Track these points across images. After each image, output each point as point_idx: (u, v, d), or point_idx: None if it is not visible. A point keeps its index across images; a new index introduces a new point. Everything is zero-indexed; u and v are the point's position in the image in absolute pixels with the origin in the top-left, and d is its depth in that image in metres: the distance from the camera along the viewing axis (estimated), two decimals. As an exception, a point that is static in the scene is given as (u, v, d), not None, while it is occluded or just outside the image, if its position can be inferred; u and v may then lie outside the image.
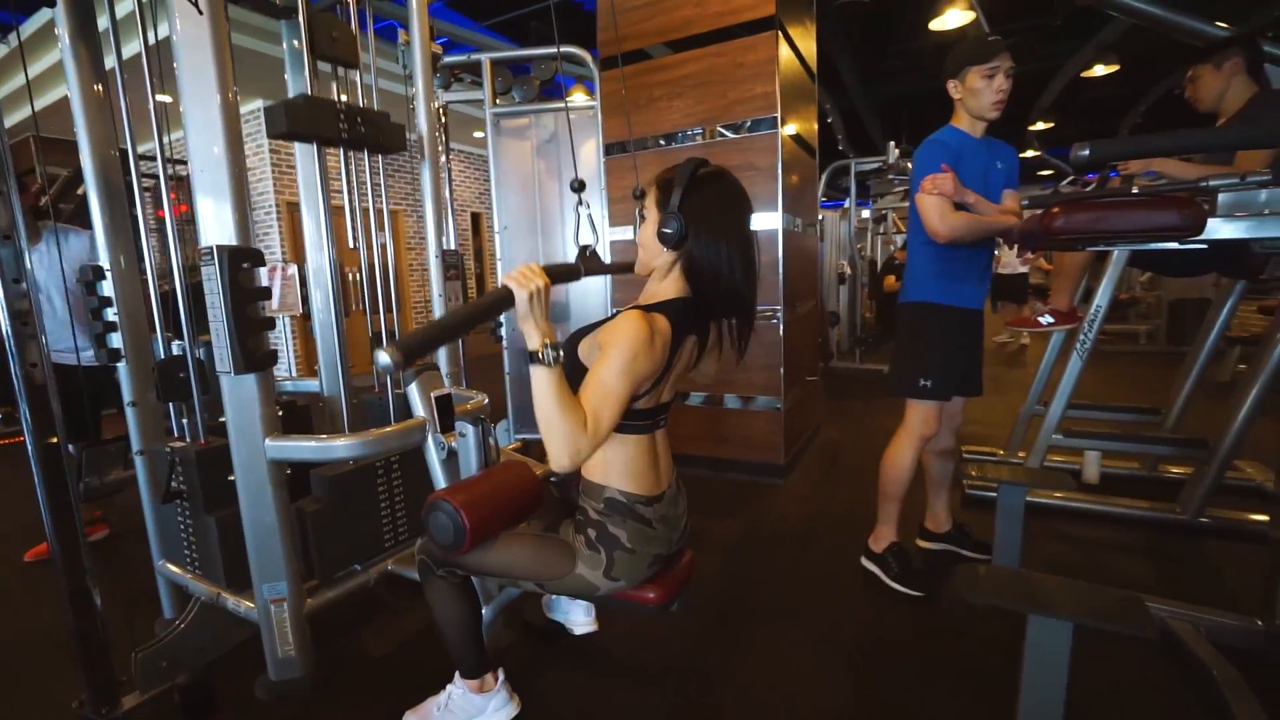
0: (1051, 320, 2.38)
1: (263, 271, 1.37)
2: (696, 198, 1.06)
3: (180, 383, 1.56)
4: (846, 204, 5.51)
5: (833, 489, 2.76)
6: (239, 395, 1.36)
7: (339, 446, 1.40)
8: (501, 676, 1.34)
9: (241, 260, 1.31)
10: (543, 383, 0.95)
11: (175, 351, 1.59)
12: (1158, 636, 1.46)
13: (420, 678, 1.49)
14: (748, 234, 1.12)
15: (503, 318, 3.16)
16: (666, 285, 1.14)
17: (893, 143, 4.92)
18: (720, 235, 1.07)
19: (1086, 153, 1.05)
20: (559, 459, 0.97)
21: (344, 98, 1.73)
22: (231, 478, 1.43)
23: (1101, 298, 2.20)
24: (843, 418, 3.96)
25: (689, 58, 2.70)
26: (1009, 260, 6.34)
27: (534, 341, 0.98)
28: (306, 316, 1.95)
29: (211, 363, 1.56)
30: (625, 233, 2.99)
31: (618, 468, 1.15)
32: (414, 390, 1.53)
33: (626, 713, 1.40)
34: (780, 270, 2.69)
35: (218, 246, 1.28)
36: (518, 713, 1.34)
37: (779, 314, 2.72)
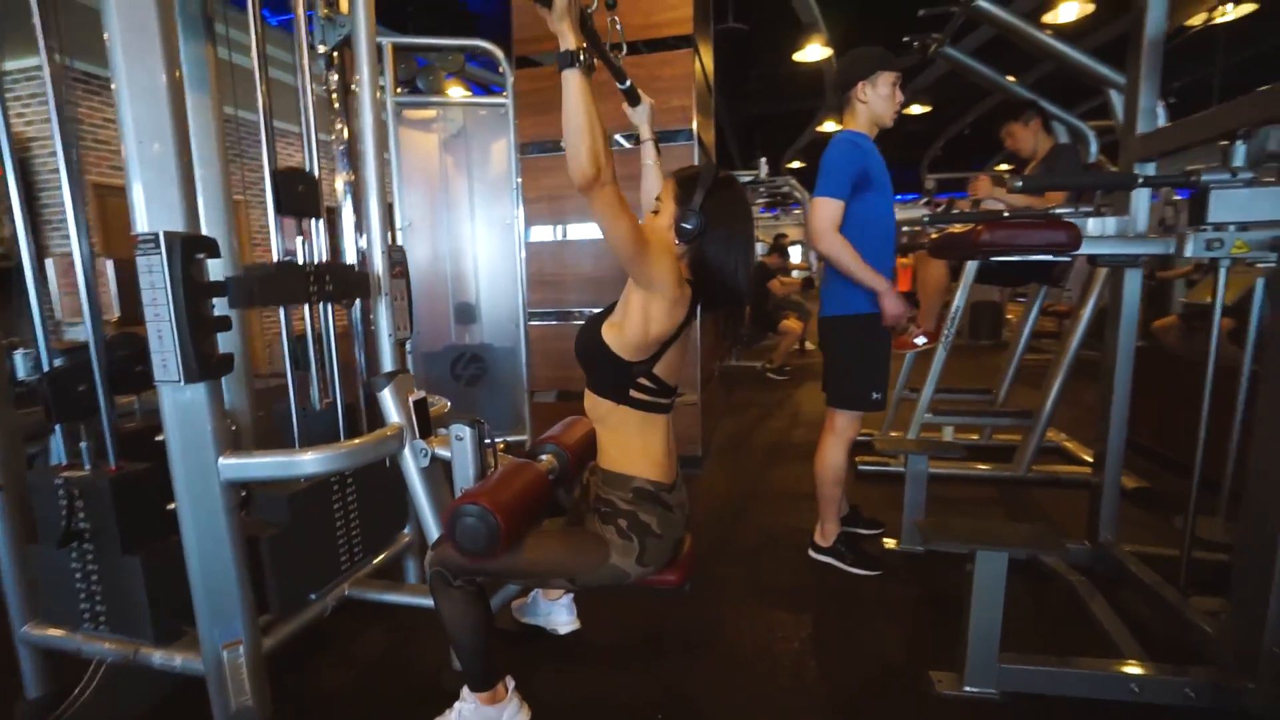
0: (925, 340, 2.78)
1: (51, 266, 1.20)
2: (717, 199, 1.14)
3: (80, 398, 1.29)
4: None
5: (745, 473, 2.99)
6: (186, 408, 1.16)
7: (307, 461, 1.25)
8: (512, 684, 1.30)
9: (196, 250, 1.13)
10: (577, 87, 0.94)
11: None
12: (1066, 554, 1.84)
13: (392, 708, 1.39)
14: (753, 240, 1.23)
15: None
16: None
17: (764, 159, 5.42)
18: (734, 237, 1.16)
19: (1020, 184, 1.34)
20: (583, 164, 0.94)
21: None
22: (171, 506, 1.22)
23: (959, 300, 2.68)
24: (734, 411, 4.28)
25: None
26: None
27: (570, 42, 0.95)
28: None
29: (113, 372, 1.33)
30: (544, 233, 2.97)
31: (643, 458, 1.19)
32: (388, 395, 1.42)
33: (628, 693, 1.44)
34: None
35: (166, 234, 1.09)
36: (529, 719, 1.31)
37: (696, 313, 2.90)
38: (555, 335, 3.04)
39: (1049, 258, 1.83)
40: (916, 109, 6.45)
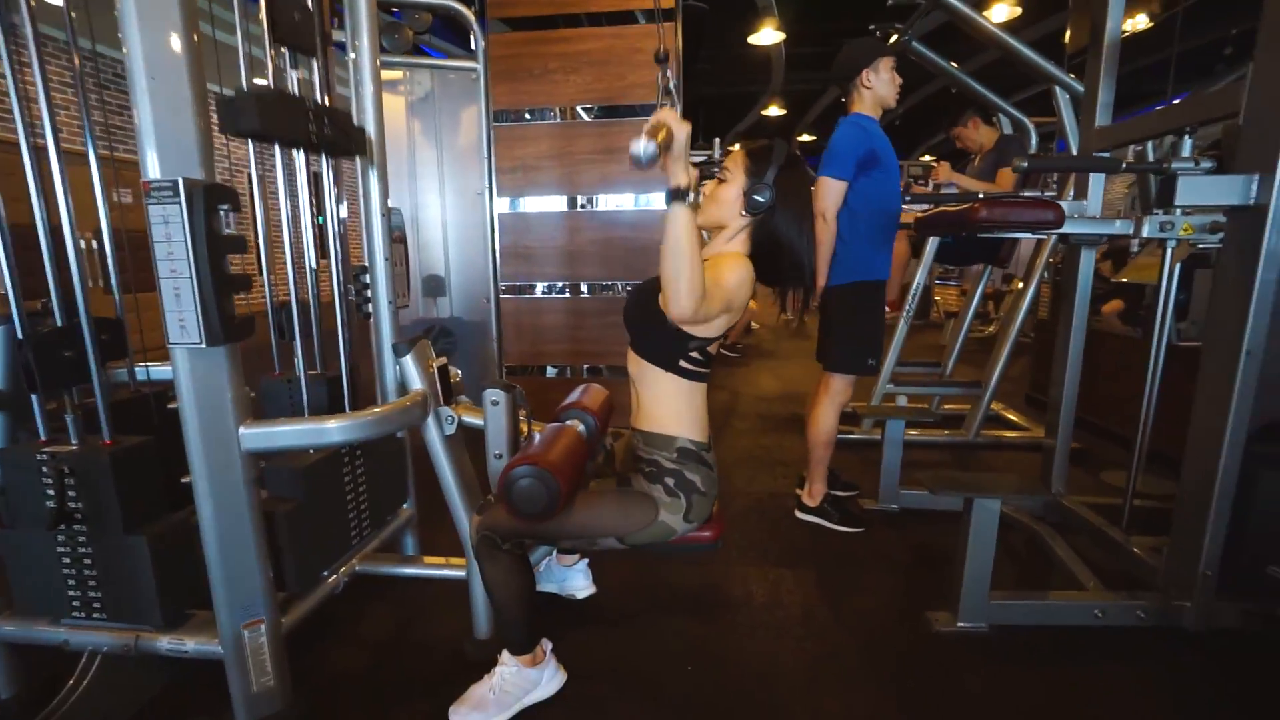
0: (888, 310, 2.96)
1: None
2: (789, 176, 1.17)
3: (65, 364, 1.17)
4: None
5: (719, 445, 3.09)
6: (206, 373, 1.08)
7: (333, 430, 1.20)
8: (549, 647, 1.31)
9: (219, 200, 1.05)
10: (685, 222, 0.95)
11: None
12: (1052, 498, 2.02)
13: (413, 683, 1.37)
14: (814, 219, 1.28)
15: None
16: (735, 244, 1.23)
17: (718, 139, 5.49)
18: (804, 217, 1.20)
19: (1025, 164, 1.46)
20: (684, 301, 0.98)
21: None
22: (185, 479, 1.14)
23: (920, 276, 2.86)
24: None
25: (588, 34, 2.72)
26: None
27: (683, 179, 0.96)
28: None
29: (100, 336, 1.22)
30: (518, 204, 2.90)
31: (687, 418, 1.23)
32: (411, 362, 1.37)
33: (654, 651, 1.48)
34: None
35: (187, 181, 1.00)
36: (565, 680, 1.33)
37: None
38: (529, 310, 2.99)
39: (1017, 235, 2.00)
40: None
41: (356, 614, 1.62)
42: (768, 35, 5.03)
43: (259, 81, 1.28)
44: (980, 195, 2.61)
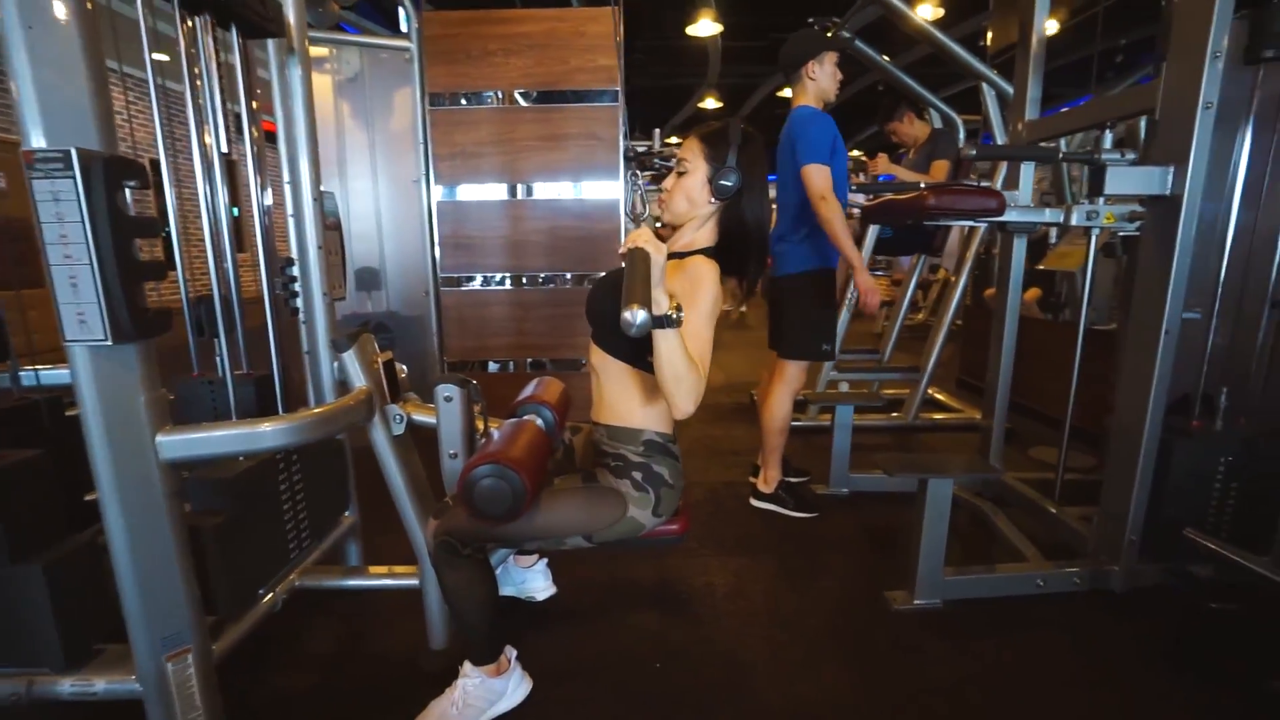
0: None
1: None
2: (747, 154, 1.14)
3: (-68, 369, 1.00)
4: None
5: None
6: (113, 375, 0.95)
7: (268, 433, 1.08)
8: (514, 655, 1.25)
9: (122, 176, 0.92)
10: (674, 344, 0.96)
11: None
12: (1000, 477, 2.11)
13: (365, 703, 1.28)
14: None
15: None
16: (703, 234, 1.20)
17: (658, 130, 5.46)
18: (765, 192, 1.17)
19: (973, 153, 1.50)
20: (688, 405, 1.00)
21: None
22: (89, 497, 1.00)
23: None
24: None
25: (529, 16, 2.62)
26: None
27: (666, 306, 0.95)
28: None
29: None
30: (459, 192, 2.76)
31: (653, 411, 1.19)
32: (352, 358, 1.27)
33: (621, 649, 1.44)
34: (624, 236, 2.86)
35: (81, 152, 0.87)
36: (531, 688, 1.27)
37: (621, 280, 2.90)
38: (472, 303, 2.87)
39: (959, 223, 2.08)
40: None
41: (299, 633, 1.49)
42: (705, 27, 5.06)
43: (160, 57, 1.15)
44: (922, 185, 2.71)
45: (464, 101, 2.70)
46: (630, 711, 1.26)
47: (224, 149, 1.22)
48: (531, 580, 1.58)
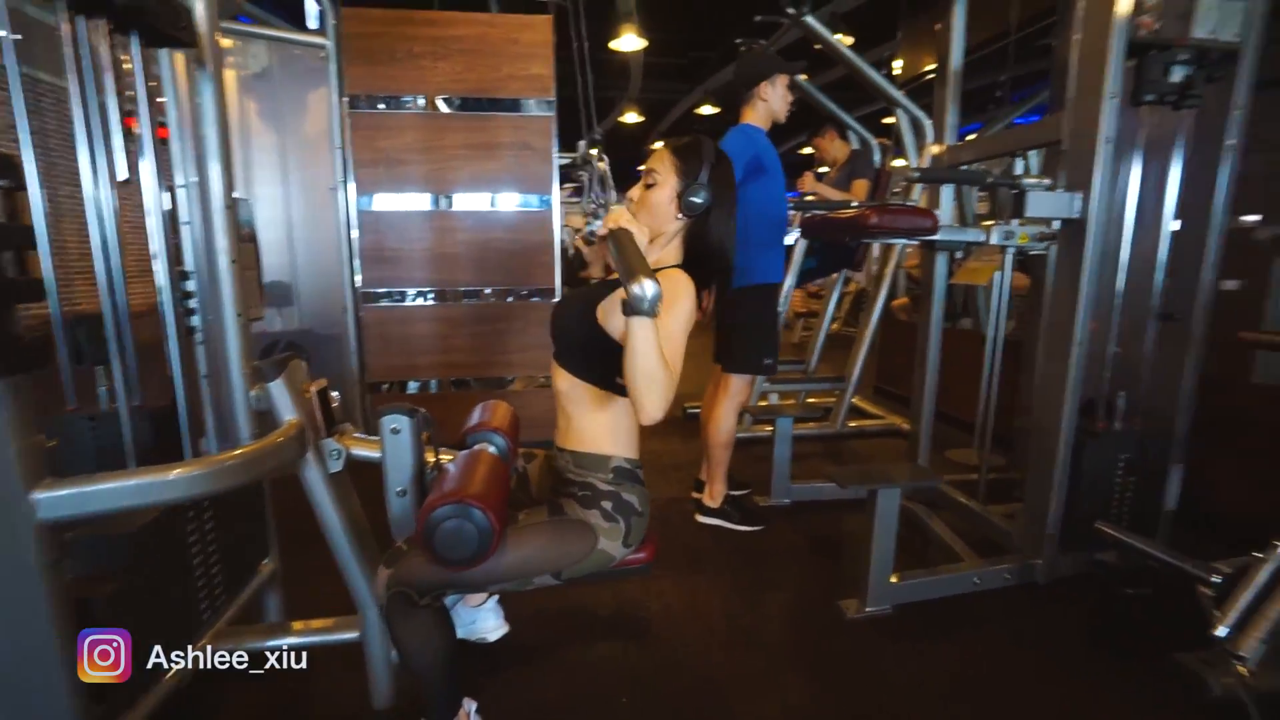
0: None
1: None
2: (717, 173, 1.12)
3: None
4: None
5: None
6: (-24, 420, 0.78)
7: (181, 481, 0.93)
8: (473, 707, 1.15)
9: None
10: (649, 334, 0.90)
11: None
12: (941, 484, 2.19)
13: None
14: None
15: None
16: (669, 252, 1.16)
17: (582, 141, 5.42)
18: (733, 214, 1.15)
19: (917, 174, 1.57)
20: (657, 410, 0.92)
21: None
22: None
23: (791, 279, 3.05)
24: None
25: (458, 19, 2.51)
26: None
27: (649, 289, 0.88)
28: None
29: None
30: (384, 201, 2.58)
31: (622, 436, 1.14)
32: (281, 387, 1.12)
33: (583, 687, 1.37)
34: (557, 250, 2.79)
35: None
36: (492, 738, 1.18)
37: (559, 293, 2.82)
38: (399, 319, 2.69)
39: (895, 241, 2.19)
40: (707, 109, 7.10)
41: (217, 708, 1.30)
42: (629, 41, 5.10)
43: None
44: (854, 204, 2.85)
45: (381, 106, 2.53)
46: (600, 754, 1.20)
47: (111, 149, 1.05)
48: (482, 620, 1.47)
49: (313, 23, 2.55)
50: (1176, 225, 1.75)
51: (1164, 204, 1.69)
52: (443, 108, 2.56)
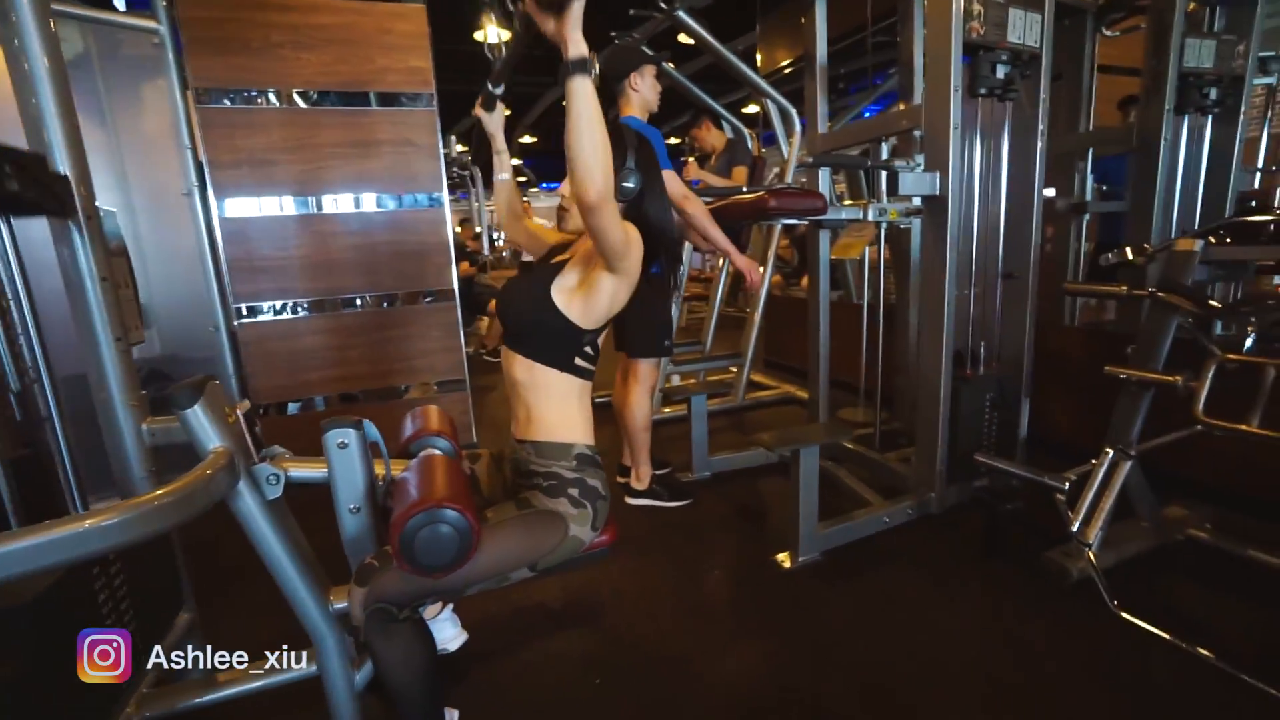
0: None
1: None
2: (643, 155, 1.14)
3: None
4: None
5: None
6: None
7: (94, 532, 0.81)
8: (455, 715, 1.12)
9: None
10: (589, 96, 0.86)
11: None
12: (852, 439, 2.39)
13: None
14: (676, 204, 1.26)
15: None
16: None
17: (454, 136, 5.20)
18: (664, 193, 1.19)
19: (812, 160, 1.71)
20: (594, 183, 0.88)
21: None
22: None
23: (684, 267, 3.17)
24: (475, 393, 4.14)
25: (321, 6, 2.30)
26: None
27: (583, 48, 0.87)
28: None
29: None
30: (251, 206, 2.32)
31: (580, 423, 1.16)
32: (199, 413, 1.00)
33: (553, 681, 1.38)
34: (452, 250, 2.68)
35: None
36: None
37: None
38: (282, 334, 2.45)
39: (792, 221, 2.37)
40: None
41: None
42: (492, 33, 4.97)
43: None
44: (745, 190, 3.02)
45: (241, 101, 2.27)
46: (585, 737, 1.22)
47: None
48: (440, 631, 1.42)
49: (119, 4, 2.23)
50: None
51: (1000, 180, 2.00)
52: (312, 103, 2.36)
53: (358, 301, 2.54)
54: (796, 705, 1.30)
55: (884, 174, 1.99)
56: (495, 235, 7.78)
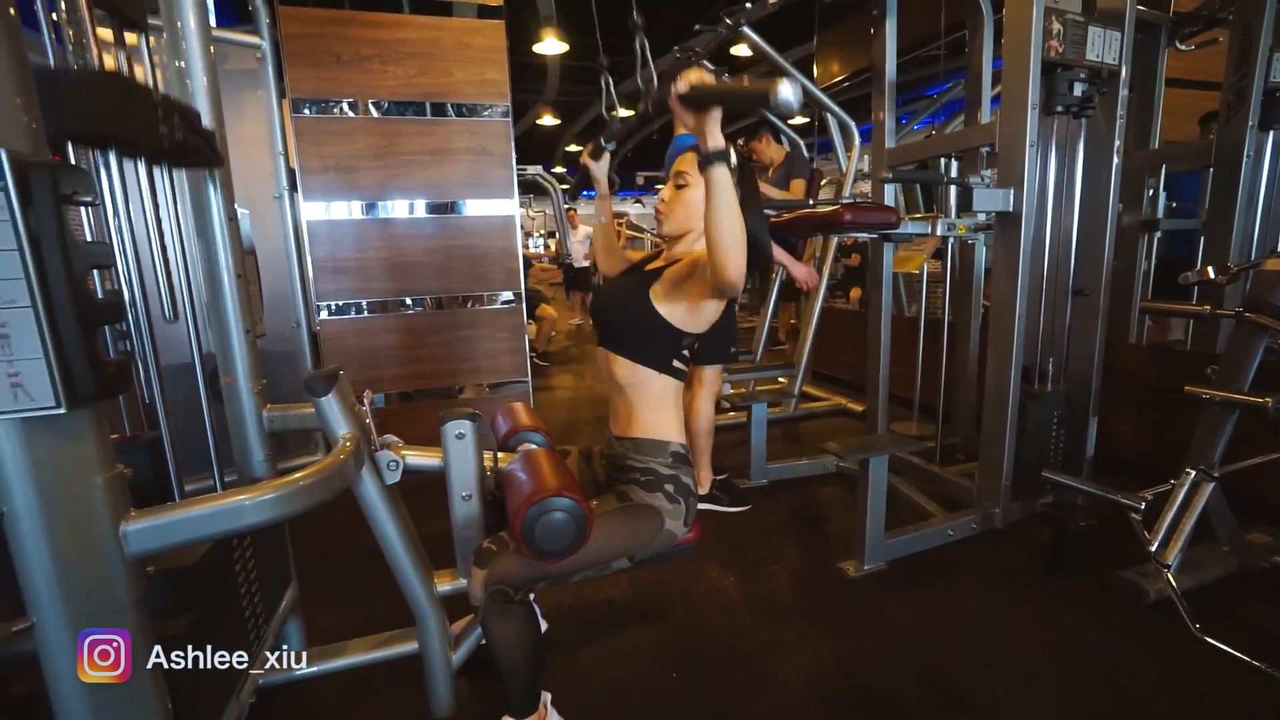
0: None
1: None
2: (743, 172, 1.20)
3: None
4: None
5: (573, 439, 3.05)
6: (61, 453, 0.72)
7: (250, 507, 0.89)
8: (549, 698, 1.17)
9: (71, 187, 0.71)
10: (728, 185, 0.91)
11: None
12: (920, 449, 2.39)
13: None
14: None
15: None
16: (703, 245, 1.23)
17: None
18: (761, 209, 1.24)
19: (890, 175, 1.74)
20: (735, 264, 0.93)
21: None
22: (19, 627, 0.74)
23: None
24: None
25: (405, 22, 2.44)
26: (578, 255, 7.72)
27: (720, 141, 0.91)
28: None
29: None
30: (336, 210, 2.45)
31: (675, 423, 1.21)
32: (333, 402, 1.08)
33: (626, 671, 1.42)
34: (520, 256, 2.78)
35: (12, 154, 0.66)
36: (566, 729, 1.21)
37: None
38: (359, 331, 2.57)
39: (862, 235, 2.40)
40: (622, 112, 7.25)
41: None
42: (551, 45, 5.11)
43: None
44: (811, 203, 3.05)
45: (315, 109, 2.41)
46: (667, 727, 1.26)
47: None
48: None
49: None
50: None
51: (1074, 197, 1.99)
52: (394, 112, 2.48)
53: (431, 303, 2.65)
54: (870, 704, 1.32)
55: (952, 189, 2.01)
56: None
